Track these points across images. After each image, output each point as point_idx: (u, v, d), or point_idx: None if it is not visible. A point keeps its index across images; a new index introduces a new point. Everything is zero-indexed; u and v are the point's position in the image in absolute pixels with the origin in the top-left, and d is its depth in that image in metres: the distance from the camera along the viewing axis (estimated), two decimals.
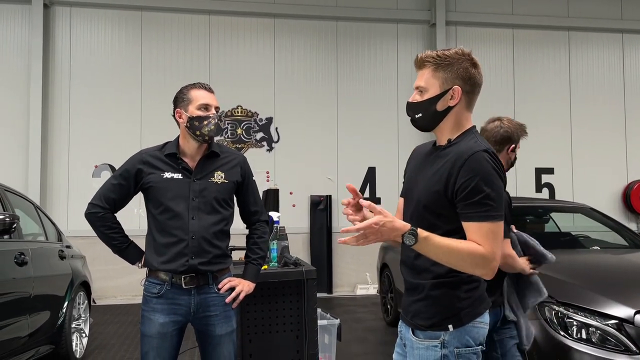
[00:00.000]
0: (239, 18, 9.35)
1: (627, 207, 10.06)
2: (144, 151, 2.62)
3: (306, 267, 3.30)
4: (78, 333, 5.04)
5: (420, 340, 1.92)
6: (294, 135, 9.36)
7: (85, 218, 2.60)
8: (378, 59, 9.72)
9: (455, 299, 1.87)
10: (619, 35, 10.40)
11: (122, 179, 2.56)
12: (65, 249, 5.08)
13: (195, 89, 2.59)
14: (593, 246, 4.80)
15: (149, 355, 2.46)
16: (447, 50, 1.92)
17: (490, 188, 1.78)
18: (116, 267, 8.64)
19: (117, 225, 2.61)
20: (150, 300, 2.50)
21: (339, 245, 9.31)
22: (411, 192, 2.01)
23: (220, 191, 2.53)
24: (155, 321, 2.46)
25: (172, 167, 2.54)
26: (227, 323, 2.54)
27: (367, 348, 5.58)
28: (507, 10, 10.04)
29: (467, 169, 1.80)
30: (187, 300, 2.48)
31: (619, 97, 10.33)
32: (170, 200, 2.47)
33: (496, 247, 1.78)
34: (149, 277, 2.54)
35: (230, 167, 2.60)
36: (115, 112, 8.93)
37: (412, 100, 1.98)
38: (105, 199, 2.56)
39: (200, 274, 2.48)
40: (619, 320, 3.18)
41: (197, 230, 2.46)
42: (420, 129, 2.01)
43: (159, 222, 2.49)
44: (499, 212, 1.79)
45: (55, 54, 8.88)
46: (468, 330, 1.88)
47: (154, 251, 2.51)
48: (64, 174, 8.78)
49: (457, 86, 1.89)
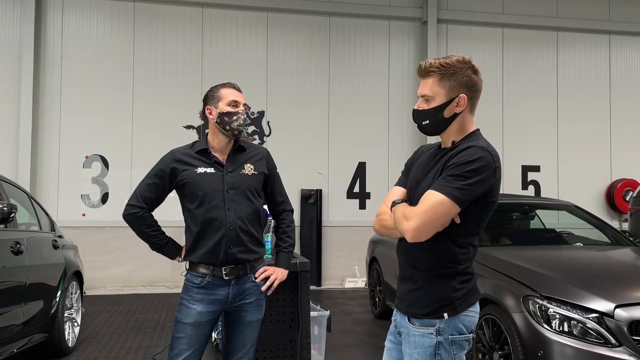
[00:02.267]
0: (232, 11, 9.38)
1: (610, 205, 10.28)
2: (176, 150, 2.72)
3: (300, 260, 3.39)
4: (70, 322, 5.08)
5: (416, 327, 2.02)
6: (286, 129, 9.43)
7: (124, 219, 2.68)
8: (370, 55, 9.80)
9: (450, 289, 1.98)
10: (606, 37, 10.58)
11: (157, 178, 2.65)
12: (58, 238, 5.12)
13: (225, 87, 2.69)
14: (577, 242, 4.94)
15: (180, 341, 2.54)
16: (449, 59, 2.01)
17: (467, 174, 1.87)
18: (105, 257, 8.71)
19: (155, 223, 2.70)
20: (192, 289, 2.59)
21: (328, 239, 9.42)
22: (414, 193, 2.09)
23: (251, 182, 2.65)
24: (193, 309, 2.55)
25: (205, 162, 2.63)
26: (259, 310, 2.67)
27: (356, 339, 5.69)
28: (497, 10, 10.17)
29: (458, 156, 1.92)
30: (226, 291, 2.58)
31: (605, 97, 10.52)
32: (206, 194, 2.57)
33: (425, 215, 1.86)
34: (190, 270, 2.63)
35: (257, 160, 2.72)
36: (107, 102, 8.93)
37: (419, 107, 2.07)
38: (143, 199, 2.64)
39: (240, 264, 2.59)
40: (599, 314, 3.30)
41: (233, 221, 2.56)
42: (427, 134, 2.12)
43: (196, 216, 2.58)
44: (459, 197, 1.86)
45: (47, 44, 8.84)
46: (462, 319, 1.99)
47: (193, 245, 2.60)
48: (55, 164, 8.77)
49: (462, 94, 1.99)
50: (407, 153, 9.78)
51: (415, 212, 1.90)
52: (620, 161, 10.44)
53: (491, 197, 1.99)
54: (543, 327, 3.40)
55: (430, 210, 1.87)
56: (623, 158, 10.45)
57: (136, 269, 8.79)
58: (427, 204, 1.88)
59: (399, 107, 9.81)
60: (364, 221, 9.47)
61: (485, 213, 2.01)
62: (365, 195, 9.63)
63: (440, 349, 1.99)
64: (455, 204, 1.87)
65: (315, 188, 9.35)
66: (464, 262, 2.01)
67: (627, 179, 10.20)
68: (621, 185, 10.14)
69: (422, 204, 1.90)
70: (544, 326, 3.40)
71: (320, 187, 9.41)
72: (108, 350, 5.16)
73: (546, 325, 3.40)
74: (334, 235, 9.45)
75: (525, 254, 4.15)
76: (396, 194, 2.18)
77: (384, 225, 2.14)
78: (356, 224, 9.47)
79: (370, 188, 9.65)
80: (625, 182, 10.16)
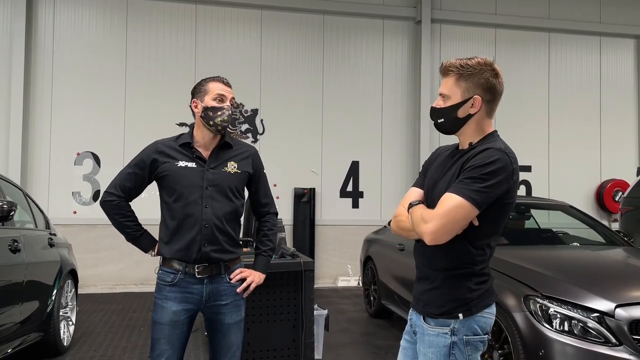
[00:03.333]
0: (225, 8, 9.32)
1: (600, 205, 10.40)
2: (159, 141, 2.66)
3: (304, 259, 3.38)
4: (65, 321, 5.03)
5: (431, 327, 2.03)
6: (279, 128, 9.40)
7: (101, 206, 2.64)
8: (364, 54, 9.81)
9: (466, 290, 1.99)
10: (597, 38, 10.69)
11: (137, 168, 2.60)
12: (53, 236, 5.06)
13: (213, 81, 2.63)
14: (573, 242, 4.99)
15: (160, 342, 2.51)
16: (470, 60, 2.02)
17: (485, 176, 1.88)
18: (96, 255, 8.62)
19: (131, 213, 2.64)
20: (164, 288, 2.54)
21: (321, 238, 9.42)
22: (432, 194, 2.09)
23: (233, 180, 2.59)
24: (168, 309, 2.50)
25: (187, 156, 2.58)
26: (237, 312, 2.61)
27: (352, 339, 5.70)
28: (490, 10, 10.22)
29: (475, 158, 1.93)
30: (199, 289, 2.53)
31: (595, 98, 10.64)
32: (184, 189, 2.52)
33: (444, 218, 1.86)
34: (162, 266, 2.59)
35: (242, 159, 2.66)
36: (99, 99, 8.84)
37: (436, 105, 2.09)
38: (121, 188, 2.60)
39: (213, 263, 2.54)
40: (600, 314, 3.34)
41: (210, 219, 2.51)
42: (443, 133, 2.12)
43: (173, 210, 2.54)
44: (477, 199, 1.86)
45: (38, 38, 8.72)
46: (477, 320, 2.00)
47: (167, 240, 2.56)
48: (45, 161, 8.66)
49: (477, 95, 2.00)
50: (400, 153, 9.83)
51: (434, 215, 1.91)
52: (610, 161, 10.56)
53: (509, 199, 2.00)
54: (544, 326, 3.43)
55: (449, 213, 1.87)
56: (613, 159, 10.58)
57: (128, 267, 8.72)
58: (445, 206, 1.89)
59: (393, 106, 9.84)
60: (357, 220, 9.50)
61: (502, 215, 2.02)
62: (358, 194, 9.64)
63: (454, 349, 2.00)
64: (474, 207, 1.88)
65: (308, 187, 9.34)
66: (481, 263, 2.03)
67: (617, 179, 10.32)
68: (611, 186, 10.26)
69: (440, 207, 1.90)
70: (544, 325, 3.43)
71: (314, 186, 9.40)
72: (103, 349, 5.11)
73: (547, 324, 3.43)
74: (327, 234, 9.45)
75: (524, 254, 4.18)
76: (413, 195, 2.18)
77: (401, 227, 2.15)
78: (349, 223, 9.48)
79: (363, 187, 9.67)
80: (614, 182, 10.28)
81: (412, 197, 2.16)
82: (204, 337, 5.17)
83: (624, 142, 10.67)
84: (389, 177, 9.76)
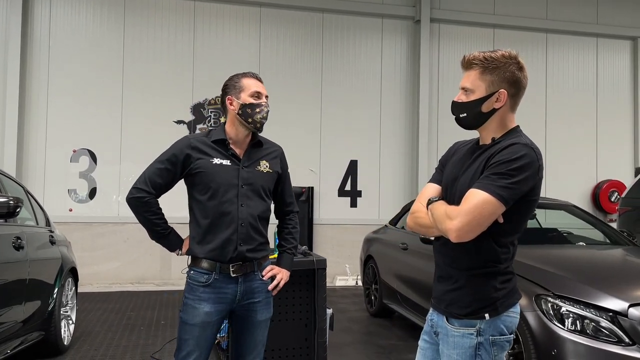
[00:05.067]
0: (224, 5, 9.25)
1: (596, 206, 10.46)
2: (191, 136, 2.59)
3: (316, 257, 3.34)
4: (66, 320, 4.95)
5: (455, 328, 1.98)
6: (277, 126, 9.27)
7: (128, 202, 2.51)
8: (363, 52, 9.78)
9: (492, 289, 1.95)
10: (593, 39, 10.75)
11: (169, 163, 2.50)
12: (53, 234, 4.98)
13: (247, 77, 2.58)
14: (579, 242, 4.99)
15: (187, 343, 2.44)
16: (494, 53, 1.98)
17: (512, 172, 1.83)
18: (92, 254, 8.53)
19: (160, 210, 2.55)
20: (197, 288, 2.47)
21: (320, 237, 9.38)
22: (452, 190, 2.04)
23: (266, 180, 2.56)
24: (200, 310, 2.44)
25: (221, 153, 2.52)
26: (267, 309, 2.59)
27: (354, 338, 5.67)
28: (488, 10, 10.24)
29: (501, 154, 1.88)
30: (233, 289, 2.48)
31: (591, 99, 10.70)
32: (219, 186, 2.46)
33: (470, 215, 1.81)
34: (193, 266, 2.51)
35: (272, 158, 2.63)
36: (96, 96, 8.73)
37: (458, 100, 2.03)
38: (152, 184, 2.49)
39: (247, 262, 2.50)
40: (613, 313, 3.33)
41: (245, 218, 2.47)
42: (464, 127, 2.06)
43: (207, 208, 2.47)
44: (504, 195, 1.82)
45: (34, 33, 8.60)
46: (503, 320, 1.96)
47: (200, 239, 2.48)
48: (41, 157, 8.55)
49: (503, 90, 1.95)
50: (398, 152, 9.81)
51: (460, 211, 1.85)
52: (606, 162, 10.62)
53: (534, 196, 1.96)
54: (556, 325, 3.42)
55: (475, 210, 1.82)
56: (609, 159, 10.64)
57: (124, 265, 8.63)
58: (471, 203, 1.84)
59: (391, 105, 9.82)
60: (355, 219, 9.48)
61: (527, 212, 1.98)
62: (356, 193, 9.62)
63: (480, 349, 1.96)
64: (501, 203, 1.83)
65: (306, 185, 9.30)
66: (505, 262, 1.98)
67: (613, 180, 10.39)
68: (607, 186, 10.32)
69: (466, 203, 1.85)
70: (557, 325, 3.42)
71: (312, 185, 9.36)
72: (104, 348, 5.04)
73: (559, 324, 3.42)
74: (325, 233, 9.42)
75: (533, 253, 4.16)
76: (431, 191, 2.12)
77: (419, 224, 2.09)
78: (347, 222, 9.46)
79: (361, 186, 9.64)
80: (610, 183, 10.34)
81: (430, 193, 2.10)
82: None
83: (620, 142, 10.74)
84: (388, 176, 9.74)
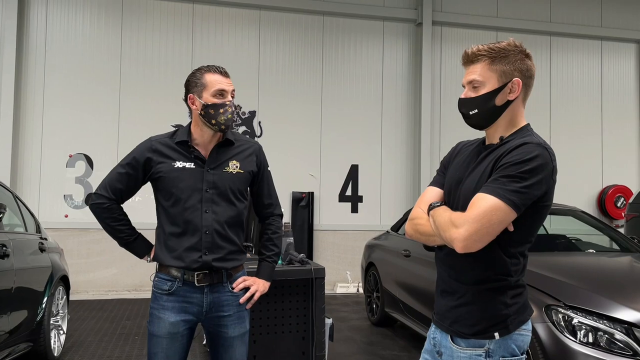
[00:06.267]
0: (223, 8, 9.13)
1: (602, 211, 10.27)
2: (153, 138, 2.40)
3: (314, 266, 3.17)
4: (56, 330, 4.78)
5: (462, 348, 1.79)
6: (277, 130, 9.20)
7: (90, 209, 2.40)
8: (364, 56, 9.64)
9: (501, 306, 1.76)
10: (598, 42, 10.60)
11: (129, 167, 2.35)
12: (44, 241, 4.82)
13: (210, 72, 2.33)
14: (588, 249, 4.81)
15: (157, 357, 2.28)
16: (499, 43, 1.82)
17: (524, 175, 1.66)
18: (88, 261, 8.36)
19: (123, 216, 2.40)
20: (160, 297, 2.31)
21: (320, 243, 9.21)
22: (456, 194, 1.87)
23: (235, 182, 2.35)
24: (165, 320, 2.28)
25: (184, 155, 2.33)
26: (241, 324, 2.38)
27: (357, 348, 5.48)
28: (491, 13, 10.10)
29: (512, 154, 1.71)
30: (199, 299, 2.31)
31: (596, 103, 10.53)
32: (182, 192, 2.29)
33: (477, 222, 1.63)
34: (159, 272, 2.36)
35: (246, 156, 2.41)
36: (93, 100, 8.59)
37: (465, 96, 1.85)
38: (112, 189, 2.36)
39: (214, 272, 2.31)
40: (628, 325, 3.16)
41: (210, 225, 2.28)
42: (474, 127, 1.88)
43: (170, 215, 2.31)
44: (515, 201, 1.64)
45: (30, 37, 8.47)
46: (514, 339, 1.77)
47: (164, 246, 2.32)
48: (36, 162, 8.40)
49: (517, 78, 1.79)
50: (400, 156, 9.65)
51: (466, 219, 1.66)
52: (612, 167, 10.44)
53: (546, 201, 1.77)
54: (567, 338, 3.24)
55: (483, 217, 1.64)
56: (614, 164, 10.46)
57: (121, 272, 8.46)
58: (479, 209, 1.65)
59: (393, 109, 9.66)
60: (356, 225, 9.31)
61: (539, 219, 1.80)
62: (357, 198, 9.44)
63: None
64: (512, 210, 1.65)
65: (307, 191, 9.14)
66: (516, 274, 1.79)
67: (619, 185, 10.21)
68: (612, 192, 10.13)
69: (473, 209, 1.66)
70: (568, 337, 3.24)
71: (312, 190, 9.20)
72: (96, 359, 4.86)
73: (570, 336, 3.25)
74: (326, 239, 9.25)
75: (541, 261, 3.98)
76: (432, 196, 1.94)
77: (420, 231, 1.89)
78: (348, 228, 9.29)
79: (362, 191, 9.47)
80: (616, 188, 10.16)
81: (431, 198, 1.93)
82: (201, 347, 4.94)
83: (626, 147, 10.56)
84: (389, 182, 9.57)
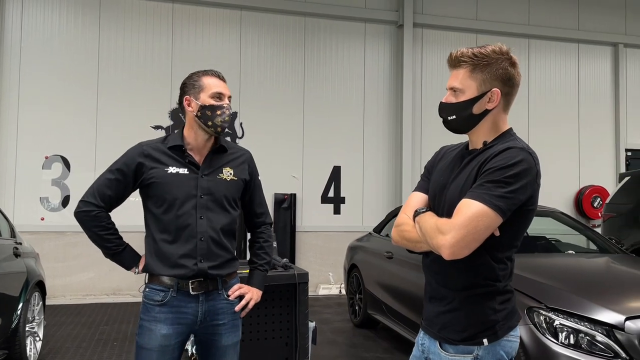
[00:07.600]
0: (204, 8, 9.03)
1: (579, 211, 10.42)
2: (144, 143, 2.33)
3: (298, 270, 3.13)
4: (32, 337, 4.66)
5: (450, 355, 1.79)
6: (259, 131, 9.13)
7: (75, 217, 2.29)
8: (345, 57, 9.62)
9: (490, 311, 1.76)
10: (575, 45, 10.75)
11: (119, 173, 2.27)
12: (18, 245, 4.70)
13: (208, 76, 2.30)
14: (568, 250, 4.85)
15: None
16: (483, 49, 1.80)
17: (509, 180, 1.66)
18: (65, 264, 8.20)
19: (112, 225, 2.32)
20: (152, 308, 2.23)
21: (302, 245, 9.17)
22: (440, 199, 1.86)
23: (229, 189, 2.31)
24: (157, 332, 2.20)
25: (178, 161, 2.28)
26: (235, 332, 2.33)
27: (340, 351, 5.46)
28: (471, 16, 10.18)
29: (496, 159, 1.71)
30: (194, 308, 2.24)
31: (573, 104, 10.68)
32: (175, 198, 2.23)
33: (464, 228, 1.62)
34: (150, 283, 2.28)
35: (239, 164, 2.38)
36: (70, 101, 8.42)
37: (446, 101, 1.85)
38: (101, 196, 2.26)
39: (209, 279, 2.26)
40: (609, 327, 3.19)
41: (205, 231, 2.23)
42: (454, 131, 1.88)
43: (163, 222, 2.24)
44: (501, 206, 1.64)
45: (5, 36, 8.27)
46: (503, 345, 1.77)
47: (156, 255, 2.25)
48: (11, 164, 8.20)
49: (496, 88, 1.78)
50: (382, 158, 9.65)
51: (453, 225, 1.65)
52: (589, 167, 10.60)
53: (531, 205, 1.79)
54: (549, 340, 3.26)
55: (470, 223, 1.63)
56: (591, 165, 10.62)
57: (99, 276, 8.30)
58: (465, 215, 1.64)
59: (375, 110, 9.67)
60: (338, 226, 9.29)
61: (524, 223, 1.80)
62: (340, 200, 9.43)
63: None
64: (498, 215, 1.65)
65: (289, 192, 9.09)
66: (504, 279, 1.79)
67: (595, 185, 10.36)
68: (589, 192, 10.28)
69: (459, 215, 1.66)
70: (550, 339, 3.27)
71: (295, 191, 9.15)
72: None
73: (552, 338, 3.27)
74: (308, 240, 9.21)
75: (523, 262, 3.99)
76: (417, 202, 1.93)
77: (406, 238, 1.88)
78: (331, 230, 9.26)
79: (345, 193, 9.46)
80: (593, 188, 10.31)
81: (416, 204, 1.91)
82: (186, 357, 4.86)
83: (602, 148, 10.73)
84: (371, 183, 9.58)
